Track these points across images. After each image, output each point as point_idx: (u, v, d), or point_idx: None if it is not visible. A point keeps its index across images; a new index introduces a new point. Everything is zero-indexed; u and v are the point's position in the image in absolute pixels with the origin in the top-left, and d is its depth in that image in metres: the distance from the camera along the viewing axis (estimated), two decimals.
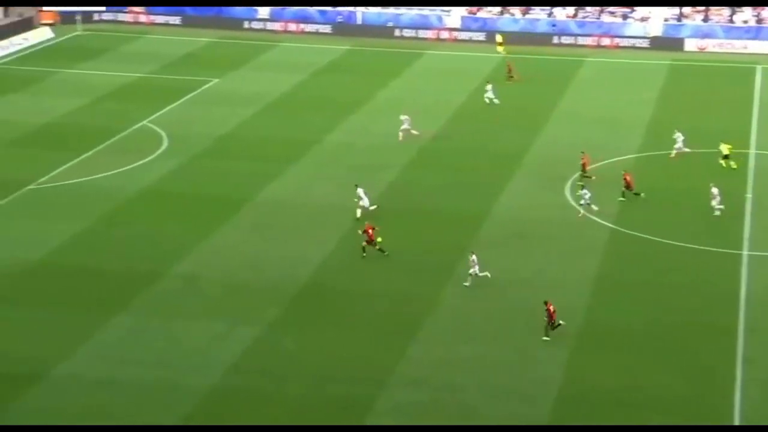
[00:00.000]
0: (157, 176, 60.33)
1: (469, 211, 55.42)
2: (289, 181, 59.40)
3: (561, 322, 43.28)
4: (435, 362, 41.67)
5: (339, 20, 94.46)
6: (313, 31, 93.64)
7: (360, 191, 54.15)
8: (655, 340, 43.37)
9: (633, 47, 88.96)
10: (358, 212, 53.63)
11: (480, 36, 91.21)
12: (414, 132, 65.59)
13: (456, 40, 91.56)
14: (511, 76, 78.15)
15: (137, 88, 77.30)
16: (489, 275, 47.13)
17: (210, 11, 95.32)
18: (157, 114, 71.22)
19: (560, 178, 59.08)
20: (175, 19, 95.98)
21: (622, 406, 39.13)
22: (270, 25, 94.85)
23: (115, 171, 60.78)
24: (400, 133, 65.54)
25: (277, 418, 38.25)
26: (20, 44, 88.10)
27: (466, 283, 46.87)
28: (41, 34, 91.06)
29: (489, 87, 73.59)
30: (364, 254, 49.50)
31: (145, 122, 69.65)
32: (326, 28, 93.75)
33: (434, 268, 48.59)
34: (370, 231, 49.65)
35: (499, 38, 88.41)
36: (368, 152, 64.08)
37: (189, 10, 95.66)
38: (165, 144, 65.67)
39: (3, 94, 75.16)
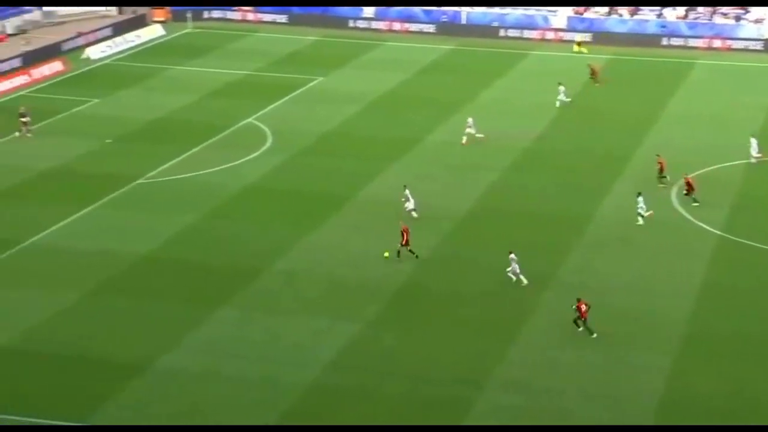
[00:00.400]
0: (260, 173, 61.00)
1: (572, 213, 54.95)
2: (391, 180, 59.58)
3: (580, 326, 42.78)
4: (534, 365, 41.41)
5: (443, 20, 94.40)
6: (418, 30, 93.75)
7: (407, 192, 54.06)
8: (761, 348, 42.48)
9: (746, 50, 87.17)
10: (414, 214, 53.57)
11: (587, 37, 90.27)
12: (478, 135, 64.90)
13: (561, 40, 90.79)
14: (596, 79, 77.11)
15: (243, 86, 78.25)
16: (525, 282, 46.57)
17: (316, 10, 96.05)
18: (262, 111, 72.00)
19: (667, 182, 58.21)
20: (282, 18, 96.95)
21: (724, 414, 38.43)
22: (375, 24, 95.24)
23: (220, 167, 61.63)
24: (464, 137, 64.89)
25: (375, 417, 38.42)
26: (133, 41, 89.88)
27: (525, 282, 46.67)
28: (153, 32, 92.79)
29: (561, 89, 72.48)
30: (397, 257, 49.41)
31: (250, 119, 70.49)
32: (430, 28, 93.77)
33: (535, 270, 48.28)
34: (405, 233, 49.33)
35: (578, 39, 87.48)
36: (470, 152, 63.93)
37: (296, 9, 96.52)
38: (269, 141, 66.38)
39: (115, 90, 76.74)
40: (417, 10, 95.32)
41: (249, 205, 56.19)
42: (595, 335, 43.03)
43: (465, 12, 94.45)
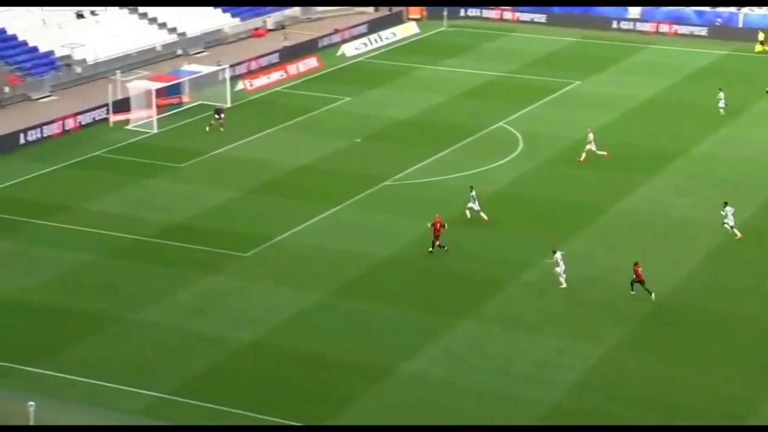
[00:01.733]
0: (510, 179, 60.23)
1: None
2: (648, 193, 57.57)
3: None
4: None
5: (717, 23, 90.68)
6: (688, 33, 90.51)
7: (473, 194, 53.92)
8: None
9: None
10: (468, 213, 53.87)
11: None
12: (600, 153, 61.63)
13: None
14: None
15: (496, 87, 77.65)
16: (564, 285, 46.49)
17: (576, 10, 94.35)
18: (515, 115, 71.17)
19: None
20: (541, 17, 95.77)
21: None
22: (640, 26, 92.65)
23: (469, 172, 61.22)
24: (583, 153, 61.82)
25: None
26: (388, 39, 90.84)
27: (563, 285, 46.68)
28: (408, 30, 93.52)
29: (721, 95, 68.33)
30: (432, 249, 50.21)
31: (501, 123, 69.78)
32: (702, 31, 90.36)
33: None
34: (438, 225, 49.99)
35: (761, 36, 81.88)
36: (739, 166, 61.00)
37: (555, 9, 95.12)
38: (520, 146, 65.48)
39: (367, 88, 77.66)
40: (688, 11, 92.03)
41: (496, 213, 55.55)
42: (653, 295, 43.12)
43: (742, 14, 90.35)
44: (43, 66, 77.48)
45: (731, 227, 51.38)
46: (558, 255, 47.40)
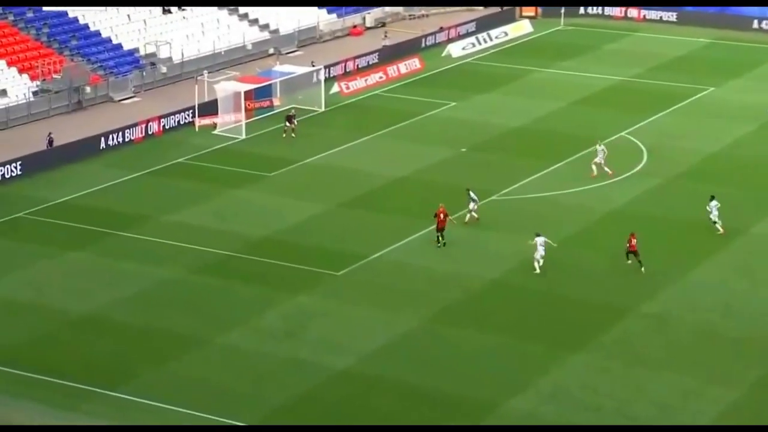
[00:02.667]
0: (631, 196, 59.71)
1: None
2: None
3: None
4: None
5: None
6: None
7: (472, 194, 55.78)
8: None
9: None
10: (467, 217, 55.80)
11: None
12: (607, 170, 61.18)
13: None
14: None
15: (618, 93, 77.09)
16: (538, 271, 49.75)
17: (711, 9, 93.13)
18: (639, 124, 70.58)
19: None
20: (670, 16, 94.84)
21: None
22: None
23: (585, 187, 60.83)
24: (593, 166, 61.47)
25: None
26: (498, 38, 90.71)
27: (536, 271, 49.98)
28: (520, 29, 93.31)
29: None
30: (439, 244, 53.18)
31: (623, 133, 69.24)
32: None
33: None
34: (442, 216, 52.73)
35: None
36: None
37: (688, 7, 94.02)
38: (644, 159, 64.88)
39: (474, 93, 77.62)
40: None
41: (614, 234, 55.06)
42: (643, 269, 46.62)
43: None
44: (126, 65, 79.07)
45: (714, 222, 53.64)
46: (540, 239, 49.63)
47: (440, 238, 53.65)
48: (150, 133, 69.19)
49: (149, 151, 66.91)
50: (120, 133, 67.95)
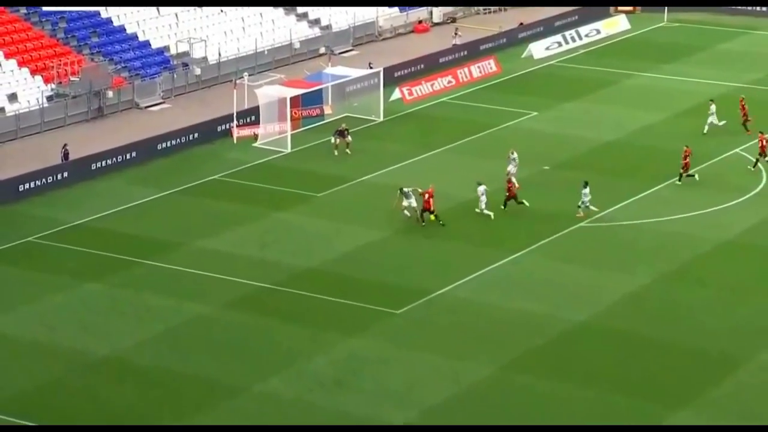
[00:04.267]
0: (748, 224, 59.57)
1: None
2: None
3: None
4: None
5: None
6: None
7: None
8: None
9: None
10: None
11: None
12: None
13: None
14: None
15: (732, 102, 76.53)
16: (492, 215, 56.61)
17: None
18: (756, 140, 70.16)
19: None
20: None
21: None
22: None
23: (692, 213, 60.67)
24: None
25: None
26: (589, 36, 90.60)
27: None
28: (614, 25, 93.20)
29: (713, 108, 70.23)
30: (423, 223, 58.58)
31: (737, 150, 68.99)
32: None
33: None
34: (428, 196, 58.33)
35: None
36: None
37: None
38: (763, 181, 64.56)
39: (560, 101, 77.57)
40: None
41: (728, 268, 54.89)
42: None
43: None
44: (154, 65, 79.85)
45: (585, 206, 59.82)
46: (481, 188, 59.16)
47: (423, 217, 59.13)
48: (180, 144, 69.88)
49: (180, 167, 67.59)
50: (146, 145, 68.74)
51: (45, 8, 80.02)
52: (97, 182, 65.44)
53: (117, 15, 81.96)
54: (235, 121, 71.94)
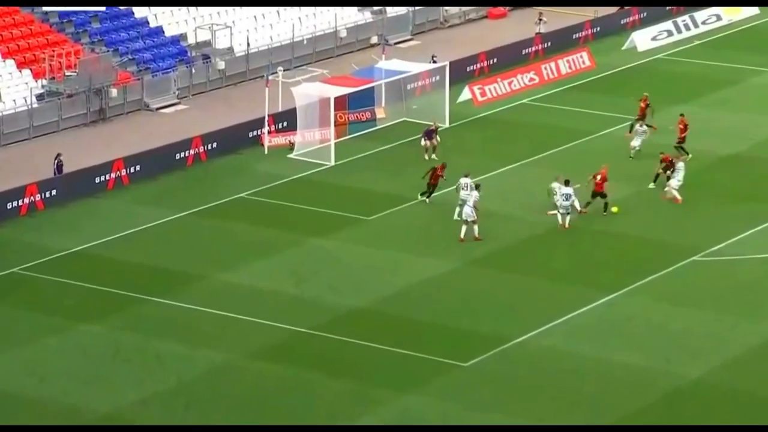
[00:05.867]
0: None
1: None
2: None
3: None
4: None
5: None
6: None
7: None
8: None
9: None
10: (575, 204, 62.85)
11: None
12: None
13: None
14: None
15: None
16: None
17: None
18: None
19: None
20: None
21: None
22: None
23: None
24: None
25: None
26: (706, 24, 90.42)
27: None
28: (739, 11, 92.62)
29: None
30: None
31: None
32: None
33: None
34: (600, 178, 62.64)
35: None
36: None
37: None
38: None
39: (670, 103, 77.22)
40: None
41: None
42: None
43: None
44: (168, 58, 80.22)
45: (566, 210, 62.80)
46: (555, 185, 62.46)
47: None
48: (199, 154, 70.19)
49: (198, 182, 67.97)
50: (156, 155, 69.10)
51: None
52: (97, 201, 65.84)
53: None
54: (267, 127, 72.16)
